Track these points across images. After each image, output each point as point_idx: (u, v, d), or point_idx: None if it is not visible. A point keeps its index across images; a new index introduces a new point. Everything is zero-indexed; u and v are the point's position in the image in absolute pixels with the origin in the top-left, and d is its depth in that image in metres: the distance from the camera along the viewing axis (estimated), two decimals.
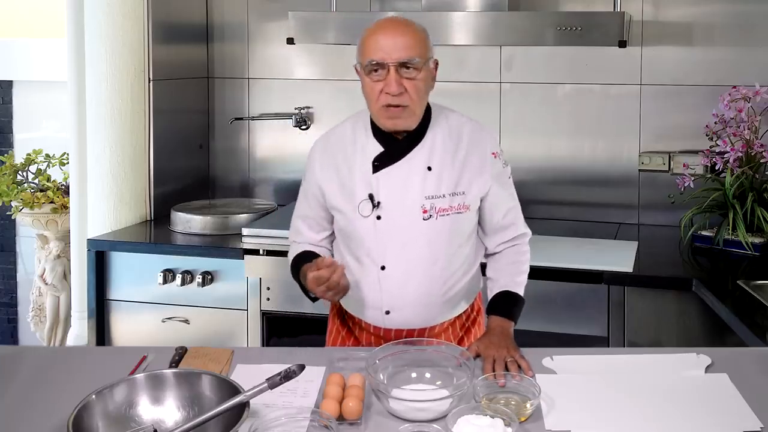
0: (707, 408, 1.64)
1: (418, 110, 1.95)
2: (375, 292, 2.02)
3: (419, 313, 2.03)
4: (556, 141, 3.41)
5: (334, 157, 2.04)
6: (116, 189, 3.29)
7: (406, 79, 1.90)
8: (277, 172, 3.71)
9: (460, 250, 2.04)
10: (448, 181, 1.98)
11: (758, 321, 2.27)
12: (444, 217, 1.98)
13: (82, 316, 3.33)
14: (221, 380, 1.56)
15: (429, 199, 1.97)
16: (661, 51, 3.29)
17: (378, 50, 1.90)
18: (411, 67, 1.90)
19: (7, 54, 4.15)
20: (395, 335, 2.05)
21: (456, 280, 2.05)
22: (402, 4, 3.48)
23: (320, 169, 2.06)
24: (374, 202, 1.97)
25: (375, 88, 1.92)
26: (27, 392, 1.72)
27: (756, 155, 2.99)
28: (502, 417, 1.51)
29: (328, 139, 2.09)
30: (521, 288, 2.09)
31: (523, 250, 2.13)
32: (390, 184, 1.98)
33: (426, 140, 2.00)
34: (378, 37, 1.91)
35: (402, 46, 1.89)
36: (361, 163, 2.00)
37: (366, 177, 1.99)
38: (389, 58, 1.89)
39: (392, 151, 1.99)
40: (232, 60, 3.73)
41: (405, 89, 1.90)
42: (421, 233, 1.98)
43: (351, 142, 2.03)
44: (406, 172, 1.98)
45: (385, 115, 1.94)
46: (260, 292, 3.01)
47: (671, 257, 2.95)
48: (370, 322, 2.07)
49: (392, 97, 1.90)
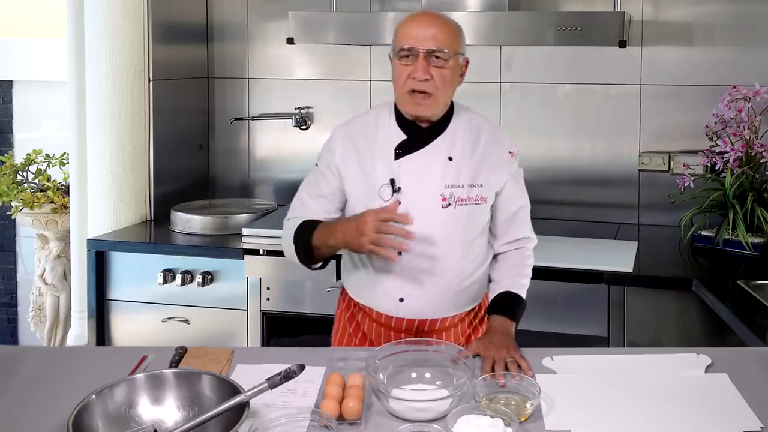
0: (707, 408, 1.64)
1: (442, 99, 2.00)
2: (391, 278, 2.04)
3: (432, 302, 2.06)
4: (556, 141, 3.41)
5: (355, 142, 2.08)
6: (116, 189, 3.29)
7: (434, 67, 1.96)
8: (277, 172, 3.71)
9: (475, 243, 2.08)
10: (467, 172, 2.03)
11: (758, 321, 2.27)
12: (462, 207, 2.02)
13: (82, 316, 3.33)
14: (221, 380, 1.56)
15: (449, 188, 2.02)
16: (661, 51, 3.29)
17: (409, 38, 1.97)
18: (439, 57, 1.96)
19: (7, 54, 4.15)
20: (407, 325, 2.07)
21: (469, 272, 2.08)
22: (402, 4, 3.48)
23: (341, 152, 2.08)
24: (395, 187, 2.01)
25: (403, 72, 1.98)
26: (27, 392, 1.72)
27: (756, 155, 2.99)
28: (502, 417, 1.50)
29: (350, 126, 2.13)
30: (523, 290, 2.11)
31: (527, 254, 2.16)
32: (411, 171, 2.02)
33: (448, 132, 2.06)
34: (411, 25, 1.99)
35: (432, 36, 1.96)
36: (384, 149, 2.04)
37: (388, 163, 2.03)
38: (419, 45, 1.95)
39: (415, 139, 2.04)
40: (232, 60, 3.73)
41: (431, 76, 1.95)
42: (440, 221, 2.01)
43: (374, 129, 2.08)
44: (428, 160, 2.03)
45: (410, 101, 1.99)
46: (260, 292, 3.01)
47: (671, 257, 2.95)
48: (382, 311, 2.09)
49: (418, 82, 1.95)
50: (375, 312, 2.11)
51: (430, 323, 2.08)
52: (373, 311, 2.11)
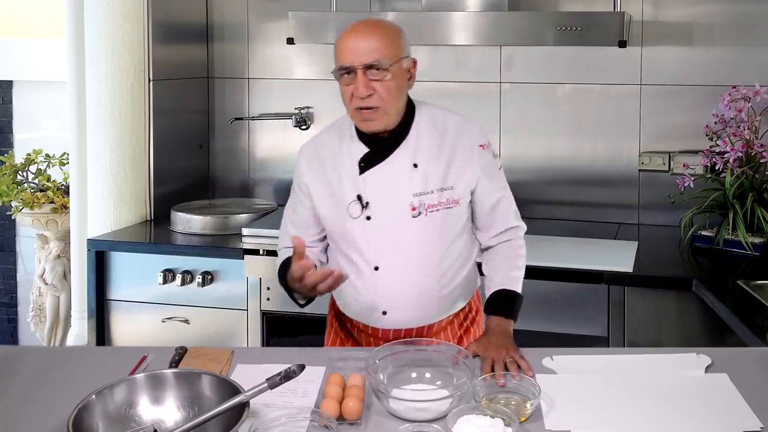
0: (707, 408, 1.64)
1: (391, 110, 1.95)
2: (370, 293, 2.02)
3: (416, 311, 2.03)
4: (556, 141, 3.41)
5: (321, 161, 2.05)
6: (116, 189, 3.29)
7: (375, 81, 1.90)
8: (277, 172, 3.70)
9: (453, 246, 2.04)
10: (435, 176, 1.98)
11: (758, 321, 2.27)
12: (434, 213, 1.98)
13: (82, 316, 3.33)
14: (221, 380, 1.56)
15: (417, 196, 1.97)
16: (661, 51, 3.29)
17: (346, 55, 1.91)
18: (379, 69, 1.90)
19: (7, 54, 4.15)
20: (393, 336, 2.04)
21: (451, 276, 2.05)
22: (402, 4, 3.48)
23: (308, 173, 2.06)
24: (363, 202, 1.98)
25: (347, 92, 1.93)
26: (27, 392, 1.72)
27: (756, 155, 2.99)
28: (502, 417, 1.50)
29: (314, 144, 2.10)
30: (518, 284, 2.07)
31: (518, 245, 2.12)
32: (377, 184, 1.98)
33: (410, 137, 2.00)
34: (345, 42, 1.93)
35: (366, 50, 1.89)
36: (348, 165, 2.01)
37: (353, 179, 2.00)
38: (356, 62, 1.90)
39: (377, 151, 2.00)
40: (232, 60, 3.73)
41: (374, 90, 1.90)
42: (412, 231, 1.98)
43: (337, 145, 2.04)
44: (392, 170, 1.99)
45: (359, 118, 1.95)
46: (260, 292, 3.01)
47: (671, 257, 2.95)
48: (368, 324, 2.07)
49: (361, 99, 1.91)
50: (362, 324, 2.09)
51: (417, 331, 2.06)
52: (360, 322, 2.10)
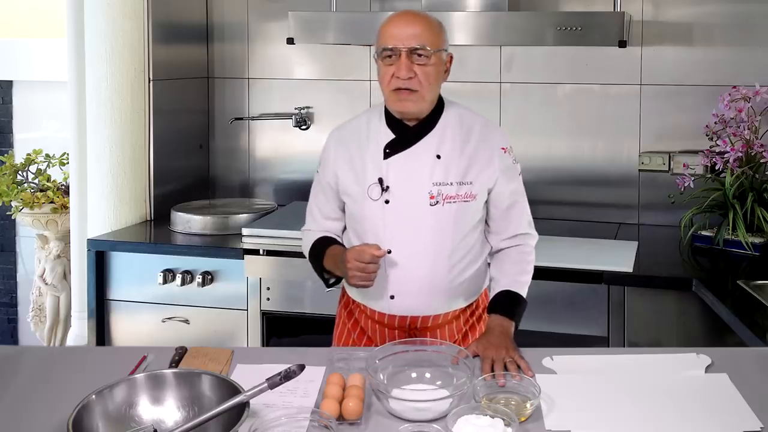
0: (707, 408, 1.64)
1: (427, 96, 2.02)
2: (381, 276, 2.05)
3: (423, 299, 2.07)
4: (556, 141, 3.41)
5: (348, 145, 2.12)
6: (116, 189, 3.29)
7: (417, 65, 1.98)
8: (277, 172, 3.71)
9: (466, 240, 2.08)
10: (456, 169, 2.04)
11: (758, 321, 2.27)
12: (451, 205, 2.04)
13: (82, 316, 3.33)
14: (221, 380, 1.56)
15: (437, 185, 2.03)
16: (661, 51, 3.29)
17: (391, 37, 2.00)
18: (422, 54, 1.98)
19: (7, 54, 4.15)
20: (399, 322, 2.10)
21: (461, 270, 2.09)
22: (402, 4, 3.48)
23: (335, 156, 2.13)
24: (383, 186, 2.04)
25: (387, 72, 2.01)
26: (27, 392, 1.72)
27: (756, 155, 2.99)
28: (502, 417, 1.51)
29: (343, 129, 2.17)
30: (524, 288, 2.10)
31: (528, 251, 2.16)
32: (399, 170, 2.04)
33: (437, 129, 2.07)
34: (392, 25, 2.02)
35: (413, 34, 1.98)
36: (374, 149, 2.07)
37: (377, 162, 2.06)
38: (401, 44, 1.98)
39: (403, 137, 2.06)
40: (232, 60, 3.73)
41: (415, 74, 1.98)
42: (428, 219, 2.03)
43: (365, 130, 2.11)
44: (416, 158, 2.05)
45: (396, 98, 2.02)
46: (260, 292, 3.01)
47: (671, 257, 2.95)
48: (374, 309, 2.11)
49: (402, 80, 1.98)
50: (369, 309, 2.13)
51: (423, 320, 2.10)
52: (367, 308, 2.14)
